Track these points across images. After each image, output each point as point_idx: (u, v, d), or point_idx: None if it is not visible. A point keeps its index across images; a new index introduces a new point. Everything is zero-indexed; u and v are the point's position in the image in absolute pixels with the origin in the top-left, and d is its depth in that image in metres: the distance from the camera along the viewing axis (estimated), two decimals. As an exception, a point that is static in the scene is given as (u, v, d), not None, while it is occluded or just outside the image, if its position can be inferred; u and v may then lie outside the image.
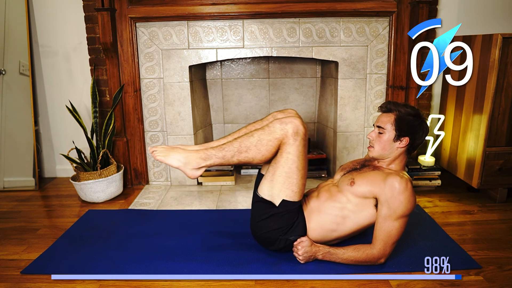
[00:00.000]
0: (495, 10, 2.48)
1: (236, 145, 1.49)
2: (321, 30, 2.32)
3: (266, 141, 1.47)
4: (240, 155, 1.48)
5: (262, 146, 1.47)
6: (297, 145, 1.46)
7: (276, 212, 1.52)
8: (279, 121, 1.48)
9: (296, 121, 1.47)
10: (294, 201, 1.52)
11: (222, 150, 1.50)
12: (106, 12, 2.20)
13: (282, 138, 1.46)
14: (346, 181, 1.57)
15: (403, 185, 1.42)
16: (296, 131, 1.46)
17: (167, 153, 1.52)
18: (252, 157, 1.49)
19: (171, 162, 1.51)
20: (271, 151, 1.48)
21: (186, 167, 1.51)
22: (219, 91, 2.77)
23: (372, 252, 1.46)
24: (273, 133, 1.46)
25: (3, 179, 2.49)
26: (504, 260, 1.58)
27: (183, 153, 1.52)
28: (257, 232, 1.59)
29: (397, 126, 1.52)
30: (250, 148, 1.48)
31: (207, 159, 1.50)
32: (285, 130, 1.45)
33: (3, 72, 2.45)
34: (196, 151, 1.52)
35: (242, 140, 1.49)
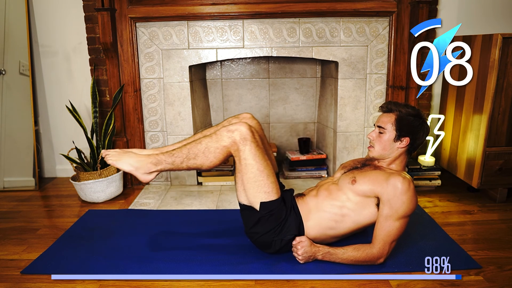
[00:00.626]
0: (495, 10, 2.48)
1: (185, 151, 1.51)
2: (321, 30, 2.32)
3: (213, 148, 1.49)
4: (188, 161, 1.51)
5: (209, 153, 1.49)
6: (249, 149, 1.48)
7: (261, 216, 1.52)
8: (226, 128, 1.50)
9: (242, 127, 1.48)
10: (273, 200, 1.52)
11: (172, 156, 1.53)
12: (106, 12, 2.20)
13: (230, 145, 1.48)
14: (347, 179, 1.57)
15: (405, 185, 1.43)
16: (243, 137, 1.47)
17: (119, 157, 1.55)
18: (201, 163, 1.51)
19: (123, 166, 1.54)
20: (219, 158, 1.50)
21: (137, 172, 1.54)
22: (219, 91, 2.77)
23: (372, 252, 1.46)
24: (220, 141, 1.49)
25: (3, 179, 2.49)
26: (504, 260, 1.58)
27: (135, 158, 1.55)
28: (252, 238, 1.59)
29: (398, 126, 1.53)
30: (198, 155, 1.50)
31: (158, 164, 1.53)
32: (232, 138, 1.48)
33: (3, 72, 2.45)
34: (147, 156, 1.55)
35: (191, 147, 1.51)
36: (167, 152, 1.55)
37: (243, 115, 1.72)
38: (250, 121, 1.70)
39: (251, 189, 1.51)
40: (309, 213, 1.57)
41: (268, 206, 1.51)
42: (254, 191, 1.51)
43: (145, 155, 1.56)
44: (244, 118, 1.70)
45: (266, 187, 1.51)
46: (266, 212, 1.51)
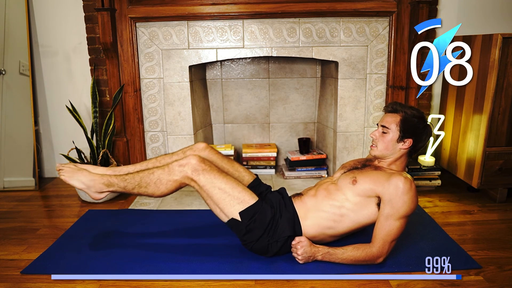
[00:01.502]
0: (495, 10, 2.48)
1: (137, 179, 1.55)
2: (321, 30, 2.32)
3: (165, 180, 1.53)
4: (140, 189, 1.55)
5: (161, 185, 1.53)
6: (203, 177, 1.51)
7: (246, 225, 1.52)
8: (178, 163, 1.53)
9: (193, 160, 1.52)
10: (249, 205, 1.52)
11: (124, 181, 1.57)
12: (106, 12, 2.20)
13: (182, 179, 1.52)
14: (348, 179, 1.57)
15: (407, 185, 1.43)
16: (194, 169, 1.51)
17: (72, 174, 1.61)
18: (151, 192, 1.55)
19: (74, 183, 1.60)
20: (169, 189, 1.54)
21: (88, 190, 1.59)
22: (219, 91, 2.77)
23: (371, 251, 1.47)
24: (172, 175, 1.52)
25: (3, 179, 2.49)
26: (504, 260, 1.57)
27: (88, 176, 1.59)
28: (248, 247, 1.58)
29: (402, 127, 1.53)
30: (150, 185, 1.54)
31: (109, 186, 1.58)
32: (183, 172, 1.51)
33: (3, 72, 2.45)
34: (100, 176, 1.60)
35: (143, 176, 1.55)
36: (120, 176, 1.59)
37: (196, 146, 1.76)
38: (202, 152, 1.73)
39: (225, 207, 1.53)
40: (307, 212, 1.58)
41: (248, 213, 1.52)
42: (228, 207, 1.52)
43: (99, 175, 1.61)
44: (197, 150, 1.74)
45: (237, 199, 1.52)
46: (248, 219, 1.52)
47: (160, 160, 1.74)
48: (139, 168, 1.69)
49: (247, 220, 1.51)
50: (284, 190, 1.74)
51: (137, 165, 1.74)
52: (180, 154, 1.74)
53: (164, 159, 1.74)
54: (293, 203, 1.63)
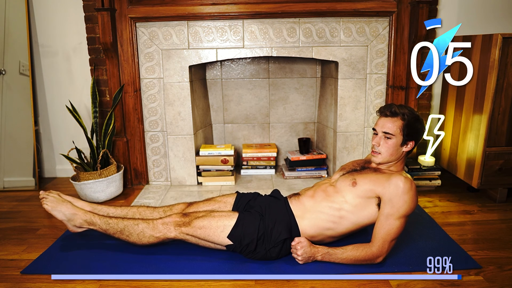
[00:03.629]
0: (495, 10, 2.48)
1: (121, 226, 1.61)
2: (321, 30, 2.32)
3: (148, 235, 1.59)
4: (121, 235, 1.62)
5: (143, 237, 1.60)
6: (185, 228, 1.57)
7: (240, 247, 1.55)
8: (162, 220, 1.59)
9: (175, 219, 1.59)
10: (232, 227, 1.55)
11: (107, 224, 1.63)
12: (106, 12, 2.20)
13: (165, 236, 1.58)
14: (347, 181, 1.57)
15: (408, 185, 1.43)
16: (177, 224, 1.58)
17: (55, 205, 1.65)
18: (132, 241, 1.62)
19: (56, 215, 1.65)
20: (151, 242, 1.60)
21: (69, 223, 1.66)
22: (219, 91, 2.77)
23: (371, 251, 1.47)
24: (155, 231, 1.59)
25: (3, 179, 2.49)
26: (504, 260, 1.58)
27: (71, 210, 1.65)
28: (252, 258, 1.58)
29: (405, 131, 1.52)
30: (132, 235, 1.60)
31: (91, 225, 1.64)
32: (167, 229, 1.58)
33: (3, 72, 2.45)
34: (84, 213, 1.66)
35: (127, 225, 1.61)
36: (104, 218, 1.64)
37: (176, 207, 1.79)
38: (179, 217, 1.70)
39: (214, 240, 1.57)
40: (305, 212, 1.58)
41: (235, 234, 1.54)
42: (216, 238, 1.56)
43: (82, 211, 1.66)
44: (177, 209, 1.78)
45: (217, 228, 1.56)
46: (238, 241, 1.54)
47: (140, 212, 1.78)
48: (120, 214, 1.75)
49: (238, 239, 1.54)
50: (277, 191, 1.75)
51: (118, 209, 1.79)
52: (161, 213, 1.77)
53: (145, 211, 1.78)
54: (289, 203, 1.63)
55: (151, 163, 2.52)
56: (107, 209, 1.77)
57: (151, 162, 2.52)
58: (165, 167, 2.52)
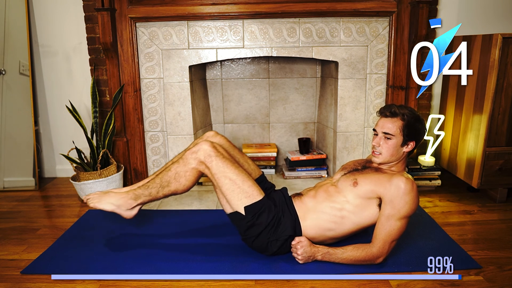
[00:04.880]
0: (495, 10, 2.48)
1: (158, 181, 1.58)
2: (321, 30, 2.32)
3: (183, 172, 1.55)
4: (163, 189, 1.58)
5: (180, 178, 1.55)
6: (216, 164, 1.53)
7: (249, 221, 1.53)
8: (190, 151, 1.56)
9: (204, 146, 1.54)
10: (255, 201, 1.53)
11: (148, 188, 1.60)
12: (106, 12, 2.20)
13: (197, 166, 1.54)
14: (348, 181, 1.57)
15: (409, 185, 1.43)
16: (207, 154, 1.53)
17: (99, 199, 1.61)
18: (175, 189, 1.57)
19: (105, 207, 1.60)
20: (190, 180, 1.56)
21: (119, 209, 1.60)
22: (219, 91, 2.77)
23: (372, 251, 1.46)
24: (188, 164, 1.55)
25: (3, 179, 2.49)
26: (504, 260, 1.58)
27: (115, 196, 1.61)
28: (248, 243, 1.60)
29: (406, 132, 1.52)
30: (171, 182, 1.56)
31: (137, 199, 1.60)
32: (197, 159, 1.53)
33: (3, 72, 2.45)
34: (126, 193, 1.62)
35: (162, 176, 1.58)
36: (142, 185, 1.62)
37: (206, 134, 1.78)
38: (213, 138, 1.75)
39: (232, 198, 1.54)
40: (307, 213, 1.58)
41: (252, 209, 1.53)
42: (235, 199, 1.54)
43: (124, 192, 1.63)
44: (207, 137, 1.76)
45: (245, 192, 1.53)
46: (252, 215, 1.53)
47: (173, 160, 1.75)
48: (157, 172, 1.70)
49: (250, 215, 1.52)
50: (286, 190, 1.74)
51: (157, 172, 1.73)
52: (190, 146, 1.74)
53: (177, 157, 1.75)
54: (293, 203, 1.63)
55: (151, 163, 2.52)
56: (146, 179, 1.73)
57: (151, 162, 2.52)
58: (165, 167, 2.52)
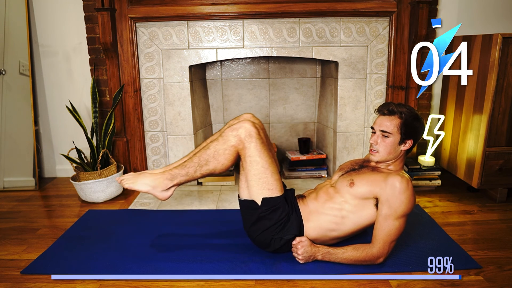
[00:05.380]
0: (495, 10, 2.48)
1: (196, 160, 1.54)
2: (321, 30, 2.32)
3: (222, 150, 1.51)
4: (201, 168, 1.53)
5: (219, 156, 1.51)
6: (254, 146, 1.50)
7: (262, 213, 1.53)
8: (230, 128, 1.52)
9: (246, 124, 1.50)
10: (275, 196, 1.53)
11: (185, 167, 1.55)
12: (106, 12, 2.20)
13: (237, 144, 1.50)
14: (345, 182, 1.57)
15: (404, 184, 1.43)
16: (248, 134, 1.49)
17: (134, 180, 1.58)
18: (213, 168, 1.53)
19: (140, 188, 1.56)
20: (229, 159, 1.52)
21: (155, 190, 1.56)
22: (219, 91, 2.77)
23: (372, 251, 1.47)
24: (227, 142, 1.50)
25: (3, 179, 2.49)
26: (504, 260, 1.58)
27: (150, 177, 1.57)
28: (252, 236, 1.60)
29: (403, 130, 1.52)
30: (209, 160, 1.52)
31: (173, 179, 1.56)
32: (237, 136, 1.49)
33: (3, 72, 2.45)
34: (162, 173, 1.58)
35: (200, 154, 1.54)
36: (179, 165, 1.57)
37: (243, 116, 1.73)
38: (253, 120, 1.70)
39: (255, 186, 1.52)
40: (310, 214, 1.58)
41: (269, 202, 1.52)
42: (257, 188, 1.52)
43: (160, 173, 1.58)
44: (245, 118, 1.70)
45: (269, 184, 1.52)
46: (267, 208, 1.52)
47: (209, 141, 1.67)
48: (194, 152, 1.66)
49: (265, 207, 1.52)
50: (293, 191, 1.73)
51: (190, 154, 1.70)
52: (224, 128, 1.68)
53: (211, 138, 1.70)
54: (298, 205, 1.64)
55: (151, 163, 2.52)
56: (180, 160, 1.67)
57: (151, 162, 2.52)
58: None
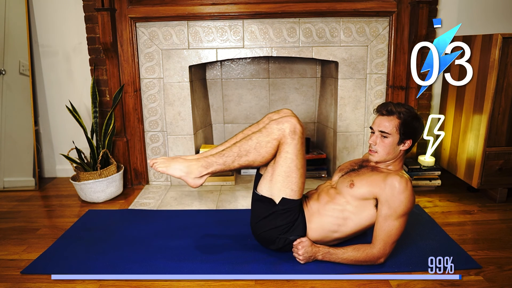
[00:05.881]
0: (495, 10, 2.48)
1: (236, 149, 1.50)
2: (321, 30, 2.32)
3: (264, 142, 1.48)
4: (240, 159, 1.49)
5: (261, 148, 1.48)
6: (295, 144, 1.48)
7: (276, 210, 1.52)
8: (275, 121, 1.49)
9: (293, 120, 1.48)
10: (294, 199, 1.52)
11: (222, 156, 1.51)
12: (106, 12, 2.20)
13: (280, 138, 1.47)
14: (345, 183, 1.57)
15: (403, 184, 1.43)
16: (293, 130, 1.47)
17: (168, 164, 1.53)
18: (253, 160, 1.50)
19: (173, 173, 1.52)
20: (270, 152, 1.49)
21: (188, 177, 1.52)
22: (219, 91, 2.77)
23: (372, 252, 1.47)
24: (271, 134, 1.48)
25: (3, 179, 2.49)
26: (504, 260, 1.58)
27: (185, 163, 1.53)
28: (258, 231, 1.59)
29: (402, 130, 1.52)
30: (250, 151, 1.48)
31: (209, 167, 1.52)
32: (282, 130, 1.47)
33: (3, 72, 2.45)
34: (197, 160, 1.54)
35: (241, 144, 1.50)
36: (217, 153, 1.53)
37: (284, 111, 1.68)
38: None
39: (280, 182, 1.50)
40: (312, 216, 1.58)
41: (287, 203, 1.51)
42: (281, 184, 1.50)
43: (195, 159, 1.55)
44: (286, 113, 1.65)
45: (294, 185, 1.51)
46: (283, 208, 1.51)
47: (246, 132, 1.66)
48: (232, 142, 1.62)
49: (282, 207, 1.51)
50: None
51: (225, 143, 1.67)
52: (266, 120, 1.65)
53: (250, 129, 1.67)
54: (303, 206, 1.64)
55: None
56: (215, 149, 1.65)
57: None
58: (165, 167, 2.52)
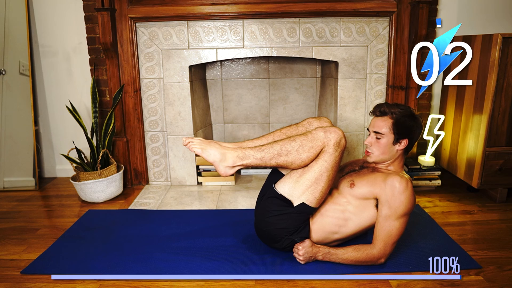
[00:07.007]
0: (495, 10, 2.48)
1: (277, 148, 1.48)
2: (321, 30, 2.32)
3: (308, 147, 1.47)
4: (279, 158, 1.48)
5: (303, 152, 1.47)
6: (335, 156, 1.47)
7: (290, 212, 1.51)
8: (323, 129, 1.48)
9: (340, 132, 1.48)
10: (312, 207, 1.52)
11: (261, 151, 1.49)
12: (106, 12, 2.20)
13: (324, 146, 1.47)
14: (346, 183, 1.57)
15: (403, 184, 1.43)
16: (338, 141, 1.47)
17: (204, 146, 1.50)
18: (291, 161, 1.48)
19: (207, 156, 1.49)
20: (310, 157, 1.48)
21: (220, 164, 1.49)
22: (219, 91, 2.77)
23: (372, 252, 1.47)
24: (316, 141, 1.47)
25: (3, 179, 2.49)
26: (504, 260, 1.58)
27: (220, 149, 1.50)
28: (264, 227, 1.57)
29: (395, 130, 1.52)
30: (291, 152, 1.47)
31: (244, 159, 1.49)
32: (328, 139, 1.46)
33: (3, 72, 2.45)
34: (233, 149, 1.51)
35: (283, 144, 1.49)
36: (255, 147, 1.52)
37: (324, 119, 1.68)
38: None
39: (305, 186, 1.49)
40: (314, 216, 1.58)
41: (304, 209, 1.51)
42: (306, 190, 1.49)
43: (231, 148, 1.53)
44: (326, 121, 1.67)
45: (318, 194, 1.50)
46: (297, 212, 1.51)
47: (285, 132, 1.66)
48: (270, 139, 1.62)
49: (296, 211, 1.50)
50: None
51: (262, 138, 1.66)
52: (306, 125, 1.67)
53: (289, 130, 1.67)
54: None
55: (151, 163, 2.52)
56: (252, 143, 1.64)
57: (151, 162, 2.52)
58: (165, 167, 2.52)
